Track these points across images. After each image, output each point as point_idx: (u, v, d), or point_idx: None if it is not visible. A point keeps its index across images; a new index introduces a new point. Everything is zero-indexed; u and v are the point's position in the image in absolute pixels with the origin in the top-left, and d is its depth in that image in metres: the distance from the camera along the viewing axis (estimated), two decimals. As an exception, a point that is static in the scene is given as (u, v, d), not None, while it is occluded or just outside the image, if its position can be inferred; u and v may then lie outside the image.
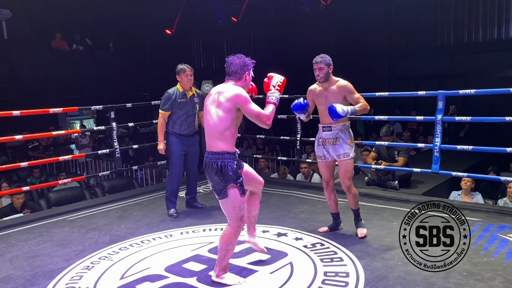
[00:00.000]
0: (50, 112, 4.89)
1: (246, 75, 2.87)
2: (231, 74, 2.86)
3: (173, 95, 4.47)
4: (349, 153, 3.58)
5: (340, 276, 3.01)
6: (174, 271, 3.18)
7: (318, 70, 3.51)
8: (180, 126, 4.51)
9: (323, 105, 3.56)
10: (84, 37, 12.91)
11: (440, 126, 4.49)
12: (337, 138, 3.57)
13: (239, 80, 2.86)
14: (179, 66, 4.52)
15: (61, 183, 5.34)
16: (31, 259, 3.54)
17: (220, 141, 2.79)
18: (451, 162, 5.86)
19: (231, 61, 2.86)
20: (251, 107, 2.77)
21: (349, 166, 3.62)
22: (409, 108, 10.15)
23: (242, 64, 2.85)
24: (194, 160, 4.69)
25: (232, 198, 2.81)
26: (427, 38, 10.94)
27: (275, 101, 2.87)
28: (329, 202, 3.80)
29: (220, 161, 2.78)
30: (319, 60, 3.50)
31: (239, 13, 11.40)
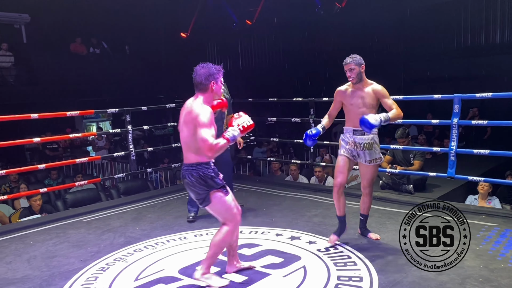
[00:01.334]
0: (67, 115, 4.98)
1: (211, 85, 2.77)
2: (197, 86, 2.78)
3: None
4: (380, 157, 3.55)
5: (353, 280, 3.00)
6: (188, 274, 3.20)
7: (349, 71, 3.40)
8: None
9: (357, 107, 3.41)
10: (101, 41, 13.10)
11: (456, 130, 4.44)
12: (371, 143, 3.46)
13: (205, 92, 2.77)
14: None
15: (77, 185, 5.42)
16: (48, 260, 3.61)
17: (195, 154, 2.77)
18: (468, 166, 5.78)
19: (196, 72, 2.78)
20: (203, 131, 2.64)
21: (377, 170, 3.64)
22: (425, 111, 10.03)
23: (206, 74, 2.75)
24: (225, 165, 4.52)
25: (219, 200, 2.82)
26: (443, 41, 10.81)
27: (229, 137, 2.70)
28: (338, 204, 3.62)
29: (195, 171, 2.77)
30: (349, 60, 3.40)
31: (253, 16, 11.44)
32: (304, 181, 6.49)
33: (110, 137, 11.54)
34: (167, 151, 9.70)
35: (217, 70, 2.80)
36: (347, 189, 5.88)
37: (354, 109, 3.45)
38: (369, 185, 3.63)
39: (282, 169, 7.49)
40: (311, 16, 10.56)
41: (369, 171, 3.57)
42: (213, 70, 2.77)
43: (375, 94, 3.42)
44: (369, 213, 3.83)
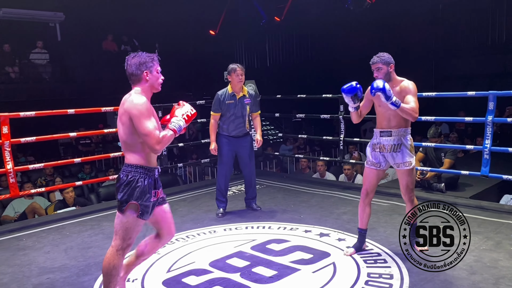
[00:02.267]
0: (102, 110, 5.14)
1: (145, 74, 2.46)
2: (129, 77, 2.49)
3: (221, 97, 4.44)
4: (411, 161, 3.24)
5: (384, 277, 2.99)
6: (218, 266, 3.27)
7: (376, 70, 3.19)
8: (228, 127, 4.48)
9: (385, 107, 3.17)
10: (132, 38, 13.35)
11: (491, 128, 4.34)
12: (398, 144, 3.22)
13: (139, 83, 2.47)
14: (230, 66, 4.44)
15: (111, 178, 5.57)
16: (84, 250, 3.74)
17: (132, 154, 2.45)
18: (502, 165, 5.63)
19: (127, 62, 2.49)
20: (144, 122, 2.34)
21: (412, 176, 3.29)
22: (457, 109, 9.80)
23: (138, 63, 2.45)
24: (246, 162, 4.63)
25: (129, 217, 2.45)
26: (477, 36, 10.52)
27: (176, 128, 2.44)
28: (363, 215, 3.40)
29: (131, 174, 2.42)
30: (376, 59, 3.19)
31: (282, 13, 11.41)
32: (332, 178, 6.46)
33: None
34: (195, 147, 9.83)
35: (150, 58, 2.49)
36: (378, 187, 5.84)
37: (382, 110, 3.25)
38: (405, 193, 3.31)
39: (310, 166, 7.48)
40: (341, 12, 10.45)
41: (402, 177, 3.28)
42: (144, 58, 2.47)
43: (402, 90, 3.18)
44: (399, 212, 3.77)
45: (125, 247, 2.52)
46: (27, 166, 4.98)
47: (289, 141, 10.15)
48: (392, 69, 3.22)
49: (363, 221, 3.42)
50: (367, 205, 3.39)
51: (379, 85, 2.98)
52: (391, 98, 2.97)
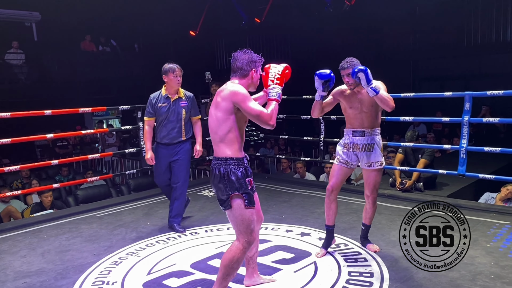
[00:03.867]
0: (80, 111, 5.04)
1: (252, 72, 2.54)
2: (236, 70, 2.54)
3: (153, 99, 4.01)
4: (382, 161, 3.30)
5: (364, 276, 3.02)
6: (200, 268, 3.25)
7: (347, 76, 3.15)
8: (159, 133, 4.03)
9: (357, 109, 3.23)
10: (110, 39, 13.20)
11: (467, 128, 4.43)
12: (371, 144, 3.26)
13: (244, 78, 2.54)
14: (167, 65, 4.02)
15: (89, 180, 5.49)
16: (61, 254, 3.66)
17: (223, 145, 2.49)
18: (478, 164, 5.76)
19: (237, 57, 2.55)
20: (251, 105, 2.43)
21: (380, 176, 3.35)
22: (434, 109, 10.00)
23: (249, 60, 2.53)
24: (178, 172, 4.08)
25: (238, 209, 2.50)
26: (453, 38, 10.76)
27: (276, 97, 2.52)
28: (329, 212, 3.40)
29: (223, 167, 2.48)
30: (347, 65, 3.13)
31: (262, 14, 11.44)
32: (312, 179, 6.50)
33: (120, 134, 11.63)
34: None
35: (259, 58, 2.58)
36: (357, 186, 5.90)
37: (354, 112, 3.26)
38: (371, 192, 3.35)
39: (291, 167, 7.51)
40: (321, 14, 10.55)
41: (371, 176, 3.31)
42: (255, 57, 2.56)
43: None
44: (379, 211, 3.80)
45: (250, 240, 2.54)
46: (2, 169, 4.84)
47: (269, 143, 10.18)
48: None
49: (330, 218, 3.42)
50: (332, 202, 3.38)
51: (361, 67, 2.97)
52: (371, 83, 2.97)
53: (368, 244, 3.50)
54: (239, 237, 2.55)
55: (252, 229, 2.54)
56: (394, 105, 3.07)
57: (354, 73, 3.01)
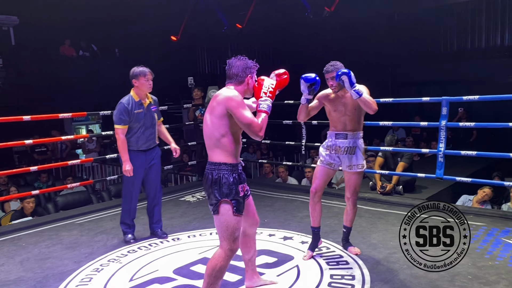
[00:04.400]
0: (59, 117, 4.98)
1: (248, 78, 2.56)
2: (231, 77, 2.56)
3: (128, 106, 3.81)
4: (364, 164, 3.38)
5: (346, 279, 3.06)
6: (183, 274, 3.24)
7: (331, 79, 3.22)
8: (138, 140, 3.89)
9: (341, 113, 3.31)
10: (90, 44, 13.06)
11: (444, 132, 4.54)
12: (353, 147, 3.33)
13: (239, 84, 2.55)
14: (137, 69, 3.86)
15: (70, 187, 5.41)
16: (41, 262, 3.60)
17: (217, 150, 2.49)
18: (455, 168, 5.90)
19: (232, 63, 2.57)
20: (244, 113, 2.43)
21: (361, 178, 3.43)
22: (413, 114, 10.20)
23: (244, 67, 2.55)
24: (155, 178, 4.07)
25: (225, 215, 2.48)
26: (430, 45, 11.01)
27: (266, 110, 2.51)
28: (314, 214, 3.45)
29: (216, 172, 2.48)
30: (331, 68, 3.21)
31: (243, 20, 11.49)
32: (294, 183, 6.55)
33: (100, 140, 11.49)
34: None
35: (254, 64, 2.60)
36: (338, 190, 5.96)
37: (338, 115, 3.34)
38: (352, 195, 3.41)
39: (273, 171, 7.55)
40: (301, 20, 10.66)
41: (352, 179, 3.38)
42: (250, 64, 2.58)
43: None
44: (360, 214, 3.86)
45: (233, 248, 2.52)
46: (-22, 175, 4.76)
47: (252, 147, 10.19)
48: None
49: (315, 220, 3.46)
50: (317, 203, 3.43)
51: (344, 70, 3.05)
52: (355, 85, 3.05)
53: (350, 247, 3.54)
54: (222, 244, 2.52)
55: (236, 237, 2.52)
56: (377, 108, 3.15)
57: (337, 76, 3.09)
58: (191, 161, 7.21)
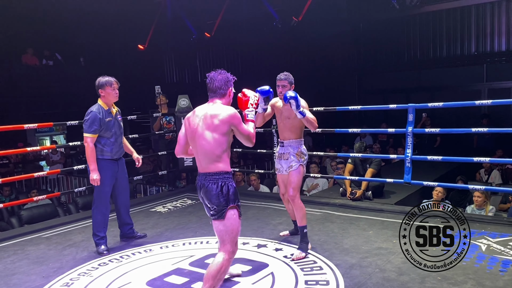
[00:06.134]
0: (25, 128, 4.81)
1: (230, 90, 2.77)
2: (215, 90, 2.73)
3: (100, 114, 3.81)
4: (292, 165, 3.70)
5: (320, 284, 3.09)
6: (156, 285, 3.19)
7: (282, 87, 3.61)
8: (112, 149, 3.90)
9: (280, 122, 3.76)
10: (54, 52, 12.74)
11: (411, 138, 4.67)
12: (287, 153, 3.73)
13: (223, 97, 2.74)
14: (102, 79, 3.89)
15: (36, 199, 5.22)
16: (7, 278, 3.46)
17: (219, 162, 2.66)
18: (422, 172, 6.08)
19: (214, 77, 2.73)
20: (244, 127, 2.73)
21: (293, 177, 3.69)
22: (379, 121, 10.46)
23: (225, 80, 2.75)
24: (126, 186, 4.17)
25: (231, 219, 2.65)
26: (395, 54, 11.36)
27: (253, 119, 2.88)
28: (289, 211, 4.08)
29: (221, 181, 2.65)
30: (283, 77, 3.62)
31: (212, 29, 11.53)
32: (266, 191, 6.57)
33: (66, 151, 11.20)
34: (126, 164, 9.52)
35: (232, 77, 2.81)
36: (309, 197, 6.03)
37: (282, 124, 3.75)
38: (288, 191, 3.73)
39: (245, 180, 7.55)
40: (269, 29, 10.79)
41: (288, 178, 3.73)
42: (230, 77, 2.79)
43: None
44: (331, 220, 3.92)
45: (235, 250, 2.70)
46: None
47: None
48: (292, 88, 3.61)
49: (291, 214, 4.04)
50: (288, 203, 3.93)
51: (292, 94, 3.43)
52: (300, 107, 3.44)
53: (298, 249, 3.63)
54: (225, 247, 2.66)
55: (237, 240, 2.71)
56: (317, 125, 3.60)
57: (286, 99, 3.45)
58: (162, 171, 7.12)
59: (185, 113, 6.09)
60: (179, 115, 6.15)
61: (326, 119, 9.95)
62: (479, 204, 5.06)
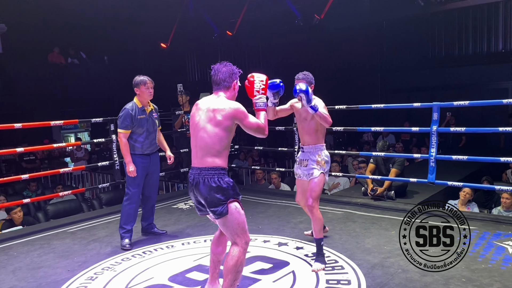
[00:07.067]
0: (51, 125, 4.93)
1: (234, 83, 2.69)
2: (219, 83, 2.66)
3: (132, 111, 4.01)
4: (313, 172, 3.44)
5: (342, 284, 3.07)
6: (178, 281, 3.22)
7: None
8: (142, 145, 4.08)
9: (302, 126, 3.51)
10: (79, 51, 12.99)
11: (436, 137, 4.59)
12: (306, 159, 3.49)
13: (228, 90, 2.67)
14: (138, 78, 4.10)
15: (61, 195, 5.35)
16: (33, 271, 3.55)
17: (217, 158, 2.61)
18: (446, 172, 5.96)
19: (219, 69, 2.67)
20: (250, 120, 2.62)
21: (314, 185, 3.42)
22: (402, 120, 10.31)
23: (230, 72, 2.67)
24: (155, 182, 4.33)
25: (234, 213, 2.59)
26: (419, 51, 11.17)
27: (263, 107, 2.71)
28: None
29: (217, 176, 2.59)
30: (301, 76, 3.41)
31: (234, 27, 11.54)
32: (286, 189, 6.56)
33: (91, 147, 11.42)
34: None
35: (238, 69, 2.72)
36: (331, 196, 6.00)
37: (301, 126, 3.53)
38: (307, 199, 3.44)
39: (265, 178, 7.55)
40: (291, 28, 10.74)
41: (308, 186, 3.46)
42: (235, 69, 2.70)
43: None
44: (353, 220, 3.86)
45: (247, 239, 2.66)
46: (-33, 184, 4.68)
47: (243, 154, 10.20)
48: (312, 88, 3.38)
49: None
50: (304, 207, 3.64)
51: (302, 87, 3.18)
52: (312, 101, 3.20)
53: (315, 262, 3.37)
54: (236, 240, 2.62)
55: (246, 229, 2.66)
56: (331, 121, 3.33)
57: (295, 92, 3.21)
58: (183, 169, 7.17)
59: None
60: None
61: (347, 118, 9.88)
62: (507, 206, 4.93)
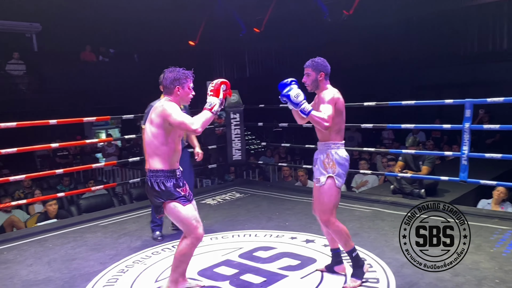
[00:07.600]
0: (84, 121, 5.07)
1: (176, 90, 2.70)
2: (164, 87, 2.75)
3: None
4: (319, 178, 2.93)
5: (370, 282, 3.04)
6: (207, 275, 3.27)
7: (306, 76, 2.93)
8: None
9: None
10: (108, 49, 13.28)
11: (468, 134, 4.48)
12: (315, 159, 3.02)
13: (171, 94, 2.72)
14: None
15: (94, 189, 5.50)
16: (68, 262, 3.67)
17: (156, 158, 2.69)
18: (478, 170, 5.81)
19: (165, 74, 2.74)
20: (175, 117, 2.61)
21: (322, 196, 2.91)
22: (433, 117, 10.09)
23: (172, 79, 2.70)
24: (190, 176, 4.27)
25: (173, 211, 2.72)
26: (449, 47, 10.87)
27: (206, 107, 2.69)
28: (325, 235, 3.19)
29: (154, 178, 2.69)
30: (308, 63, 2.92)
31: (261, 24, 11.55)
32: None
33: (122, 143, 11.68)
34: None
35: (185, 75, 2.72)
36: (359, 194, 5.94)
37: None
38: (318, 214, 3.01)
39: (292, 175, 7.55)
40: (319, 24, 10.66)
41: (315, 195, 3.03)
42: (180, 75, 2.71)
43: (319, 101, 2.92)
44: (382, 218, 3.80)
45: (198, 235, 2.78)
46: (7, 178, 4.86)
47: (270, 151, 10.22)
48: (322, 77, 2.90)
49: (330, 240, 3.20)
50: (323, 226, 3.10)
51: (286, 91, 2.78)
52: (299, 105, 2.75)
53: (336, 266, 3.17)
54: (185, 234, 2.79)
55: (195, 226, 2.75)
56: (326, 125, 2.77)
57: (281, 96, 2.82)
58: (211, 165, 7.25)
59: (235, 108, 6.21)
60: (229, 110, 6.24)
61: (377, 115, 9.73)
62: (542, 206, 4.78)
